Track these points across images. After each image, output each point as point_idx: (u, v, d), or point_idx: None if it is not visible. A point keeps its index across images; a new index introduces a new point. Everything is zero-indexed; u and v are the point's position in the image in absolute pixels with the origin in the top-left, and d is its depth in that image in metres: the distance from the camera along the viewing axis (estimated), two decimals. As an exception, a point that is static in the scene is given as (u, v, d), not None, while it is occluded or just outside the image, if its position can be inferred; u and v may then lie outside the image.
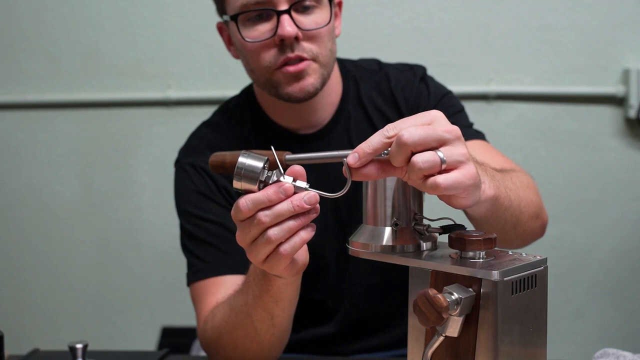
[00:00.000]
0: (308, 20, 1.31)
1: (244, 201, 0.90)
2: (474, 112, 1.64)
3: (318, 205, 0.91)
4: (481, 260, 0.84)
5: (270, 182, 0.91)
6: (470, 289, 0.82)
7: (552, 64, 2.27)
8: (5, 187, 2.49)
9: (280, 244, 0.92)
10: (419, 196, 0.91)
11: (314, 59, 1.32)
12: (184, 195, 1.42)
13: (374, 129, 1.44)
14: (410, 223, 0.90)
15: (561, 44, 2.26)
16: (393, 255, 0.88)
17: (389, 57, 1.57)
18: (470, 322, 0.82)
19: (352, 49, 1.83)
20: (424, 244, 0.89)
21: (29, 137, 2.46)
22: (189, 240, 1.40)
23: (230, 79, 1.51)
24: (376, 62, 1.52)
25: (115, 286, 2.48)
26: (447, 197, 0.88)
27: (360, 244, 0.91)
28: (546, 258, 0.86)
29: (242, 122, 1.46)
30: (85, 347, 1.18)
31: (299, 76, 1.31)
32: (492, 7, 2.27)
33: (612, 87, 2.25)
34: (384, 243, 0.89)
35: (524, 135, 2.30)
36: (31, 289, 2.52)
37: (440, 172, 0.84)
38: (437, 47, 2.29)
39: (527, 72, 2.28)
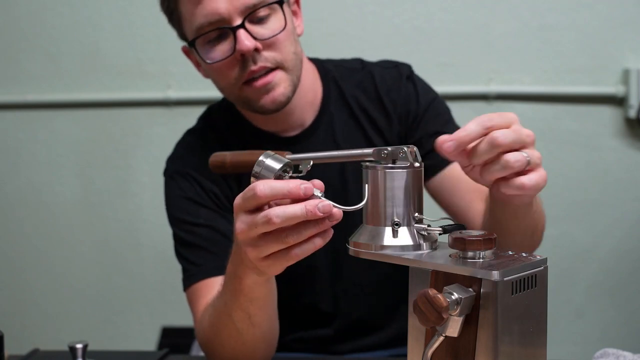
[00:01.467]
0: (264, 30, 1.30)
1: (262, 186, 0.88)
2: (474, 112, 1.65)
3: (340, 214, 0.88)
4: (481, 260, 0.84)
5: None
6: (470, 289, 0.82)
7: (552, 64, 2.27)
8: (5, 187, 2.49)
9: (293, 246, 0.91)
10: (419, 196, 0.91)
11: (279, 67, 1.31)
12: (173, 202, 1.42)
13: (360, 128, 1.44)
14: (410, 223, 0.90)
15: (561, 44, 2.26)
16: (393, 255, 0.88)
17: (389, 57, 1.57)
18: (470, 322, 0.82)
19: (351, 49, 1.83)
20: (424, 244, 0.89)
21: (29, 137, 2.46)
22: (182, 247, 1.40)
23: (230, 79, 1.54)
24: (359, 61, 1.51)
25: (115, 286, 2.48)
26: (512, 195, 0.96)
27: (360, 244, 0.91)
28: (546, 258, 0.86)
29: (224, 127, 1.46)
30: (85, 347, 1.18)
31: (267, 88, 1.31)
32: (492, 7, 2.27)
33: (612, 87, 2.25)
34: (384, 243, 0.89)
35: (524, 135, 2.30)
36: (31, 289, 2.52)
37: (520, 173, 0.93)
38: (437, 47, 2.28)
39: (527, 72, 2.28)
